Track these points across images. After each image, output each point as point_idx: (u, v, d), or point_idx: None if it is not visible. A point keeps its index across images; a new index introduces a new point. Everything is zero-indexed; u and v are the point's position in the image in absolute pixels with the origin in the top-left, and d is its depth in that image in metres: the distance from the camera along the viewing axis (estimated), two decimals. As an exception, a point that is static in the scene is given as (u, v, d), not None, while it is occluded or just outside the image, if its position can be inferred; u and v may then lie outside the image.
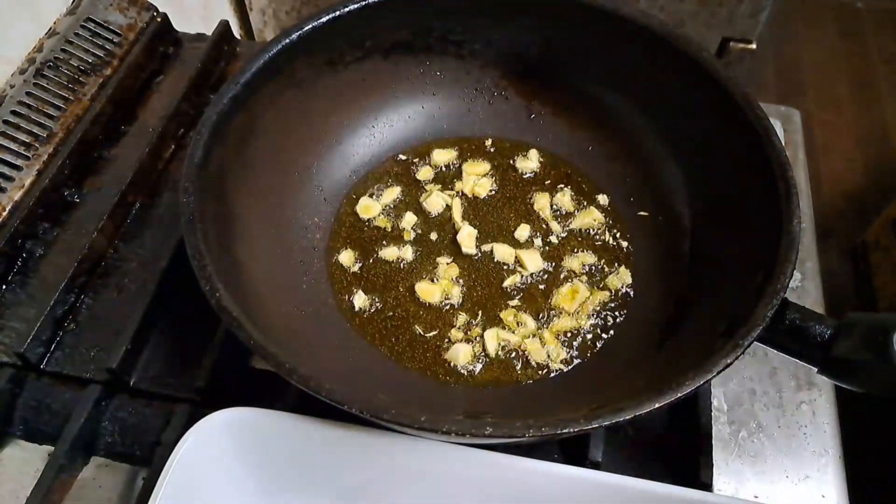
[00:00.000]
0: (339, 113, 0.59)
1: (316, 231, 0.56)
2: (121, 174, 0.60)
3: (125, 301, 0.55)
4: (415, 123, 0.62)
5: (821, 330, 0.41)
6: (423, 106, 0.62)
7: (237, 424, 0.42)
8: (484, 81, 0.62)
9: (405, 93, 0.61)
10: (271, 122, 0.53)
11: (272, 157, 0.54)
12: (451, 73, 0.62)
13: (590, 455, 0.46)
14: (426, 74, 0.61)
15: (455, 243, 0.57)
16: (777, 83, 1.85)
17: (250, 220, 0.50)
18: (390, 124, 0.61)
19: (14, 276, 0.55)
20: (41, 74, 0.61)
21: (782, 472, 0.49)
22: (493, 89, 0.63)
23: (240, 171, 0.51)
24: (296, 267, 0.53)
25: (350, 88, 0.59)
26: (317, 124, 0.58)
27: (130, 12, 0.69)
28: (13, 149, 0.58)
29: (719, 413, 0.51)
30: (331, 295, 0.53)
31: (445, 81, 0.62)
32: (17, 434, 0.50)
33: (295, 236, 0.55)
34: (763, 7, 1.03)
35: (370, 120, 0.61)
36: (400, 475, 0.43)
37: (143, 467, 0.49)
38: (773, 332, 0.40)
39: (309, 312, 0.51)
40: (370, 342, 0.51)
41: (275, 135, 0.54)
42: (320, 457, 0.43)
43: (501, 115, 0.63)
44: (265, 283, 0.48)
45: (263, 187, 0.53)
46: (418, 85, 0.61)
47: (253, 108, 0.51)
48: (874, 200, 1.57)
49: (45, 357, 0.52)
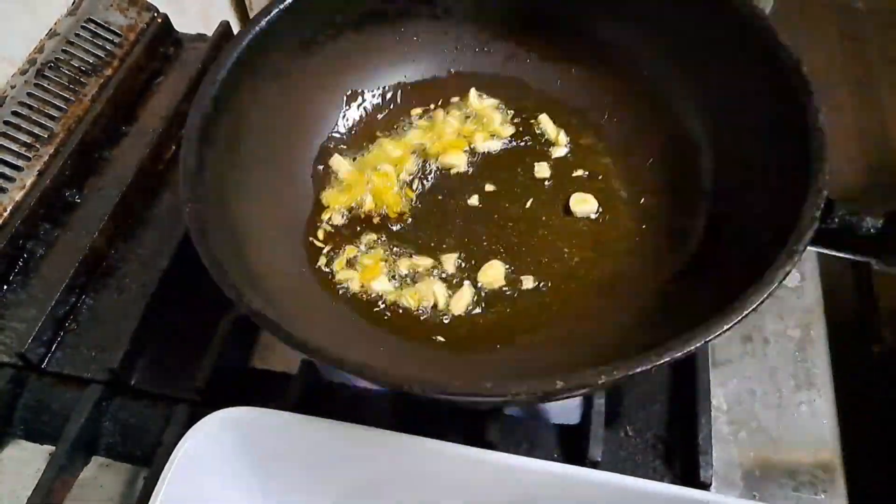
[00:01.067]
0: (322, 97, 0.57)
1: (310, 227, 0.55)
2: (121, 175, 0.60)
3: (125, 301, 0.55)
4: (397, 95, 0.60)
5: (873, 220, 0.41)
6: (405, 75, 0.60)
7: (237, 424, 0.42)
8: (464, 38, 0.60)
9: (386, 64, 0.59)
10: (257, 119, 0.52)
11: (263, 155, 0.53)
12: (429, 36, 0.59)
13: (589, 454, 0.46)
14: (403, 42, 0.59)
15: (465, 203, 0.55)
16: (777, 83, 1.85)
17: (253, 222, 0.49)
18: (374, 100, 0.59)
19: (15, 276, 0.56)
20: (42, 75, 0.61)
21: (782, 472, 0.49)
22: (474, 44, 0.60)
23: (235, 173, 0.50)
24: (303, 262, 0.52)
25: (328, 70, 0.57)
26: (301, 113, 0.56)
27: (131, 13, 0.69)
28: (14, 149, 0.58)
29: (719, 413, 0.51)
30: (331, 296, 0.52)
31: (424, 45, 0.59)
32: (17, 434, 0.50)
33: (298, 232, 0.54)
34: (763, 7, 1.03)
35: (353, 99, 0.59)
36: (400, 475, 0.43)
37: (143, 467, 0.49)
38: (822, 232, 0.39)
39: (321, 305, 0.50)
40: (378, 326, 0.50)
41: (263, 133, 0.53)
42: (320, 457, 0.43)
43: (486, 71, 0.60)
44: (278, 282, 0.47)
45: (261, 187, 0.52)
46: (397, 54, 0.59)
47: (237, 107, 0.50)
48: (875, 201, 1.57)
49: (46, 357, 0.52)
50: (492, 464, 0.41)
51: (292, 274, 0.51)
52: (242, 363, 0.53)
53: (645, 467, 0.48)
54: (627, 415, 0.50)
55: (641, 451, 0.49)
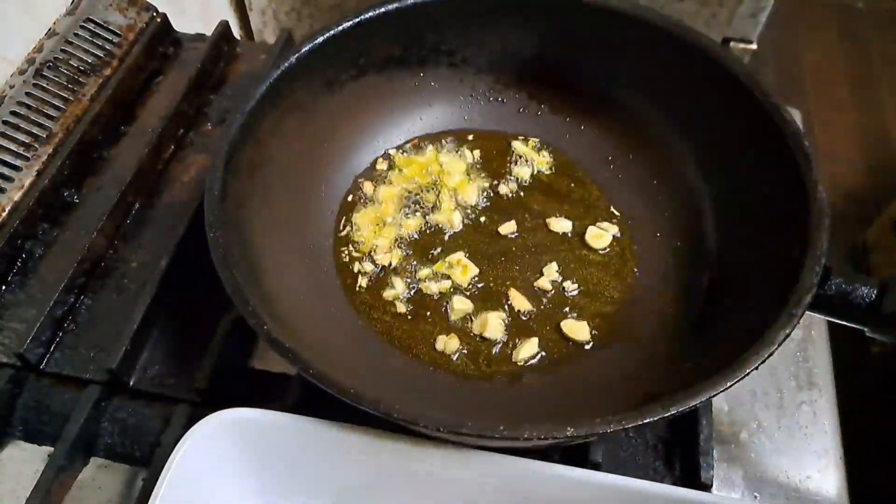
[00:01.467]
0: (341, 133, 0.59)
1: (330, 253, 0.56)
2: (120, 174, 0.60)
3: (125, 301, 0.55)
4: (412, 134, 0.62)
5: (867, 290, 0.42)
6: (420, 118, 0.63)
7: (237, 424, 0.42)
8: (478, 87, 0.63)
9: (402, 106, 0.62)
10: (277, 150, 0.53)
11: (282, 184, 0.54)
12: (446, 83, 0.62)
13: (590, 456, 0.46)
14: (421, 87, 0.62)
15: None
16: (777, 83, 1.85)
17: (273, 251, 0.50)
18: (389, 139, 0.62)
19: (14, 276, 0.55)
20: (41, 75, 0.61)
21: (783, 472, 0.49)
22: (489, 94, 0.63)
23: (255, 201, 0.51)
24: (322, 291, 0.53)
25: (348, 108, 0.59)
26: (320, 147, 0.58)
27: (130, 12, 0.69)
28: (13, 149, 0.58)
29: (719, 413, 0.51)
30: (358, 318, 0.53)
31: (440, 91, 0.62)
32: (16, 434, 0.50)
33: (315, 261, 0.55)
34: (763, 7, 1.03)
35: (370, 137, 0.61)
36: (400, 475, 0.43)
37: (142, 468, 0.49)
38: (819, 297, 0.41)
39: (341, 334, 0.51)
40: (399, 350, 0.51)
41: (282, 162, 0.54)
42: (320, 457, 0.43)
43: (498, 119, 0.63)
44: (294, 308, 0.48)
45: (279, 216, 0.53)
46: (414, 97, 0.62)
47: (259, 137, 0.51)
48: (874, 201, 1.57)
49: (45, 358, 0.52)
50: (492, 465, 0.41)
51: (310, 301, 0.52)
52: (242, 363, 0.53)
53: (646, 468, 0.48)
54: (628, 415, 0.50)
55: (642, 452, 0.49)
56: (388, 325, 0.52)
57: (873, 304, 0.42)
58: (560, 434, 0.36)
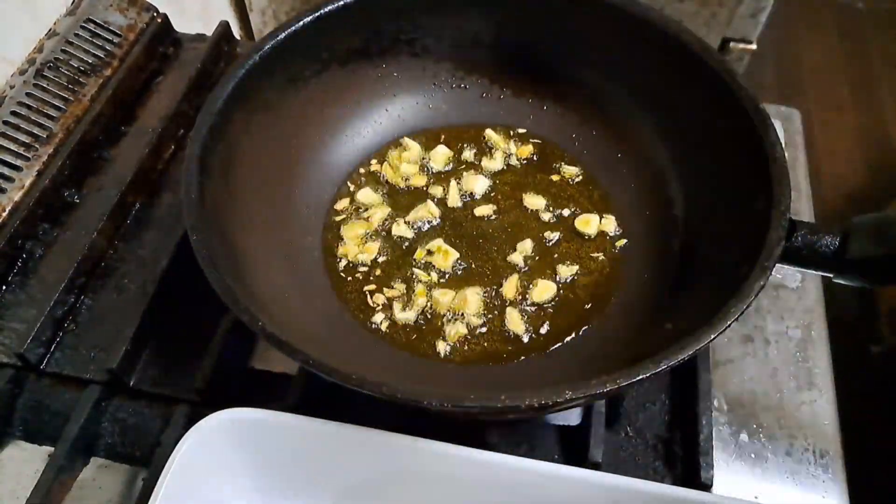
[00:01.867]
0: (308, 130, 0.59)
1: (313, 250, 0.56)
2: (121, 175, 0.60)
3: (125, 301, 0.55)
4: (381, 127, 0.63)
5: (830, 239, 0.45)
6: (386, 109, 0.63)
7: (237, 424, 0.42)
8: (441, 75, 0.63)
9: (367, 98, 0.62)
10: (247, 151, 0.53)
11: (255, 185, 0.54)
12: (408, 72, 0.62)
13: (590, 455, 0.46)
14: (384, 77, 0.62)
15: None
16: (777, 83, 1.85)
17: (257, 251, 0.50)
18: (357, 132, 0.62)
19: (14, 276, 0.55)
20: (41, 75, 0.61)
21: (783, 472, 0.49)
22: (451, 81, 0.64)
23: (230, 203, 0.50)
24: (309, 288, 0.53)
25: (314, 103, 0.59)
26: (289, 146, 0.58)
27: (130, 13, 0.69)
28: (13, 149, 0.58)
29: (719, 414, 0.51)
30: (347, 313, 0.53)
31: (403, 80, 0.63)
32: (17, 434, 0.50)
33: (296, 259, 0.55)
34: (763, 7, 1.03)
35: (338, 131, 0.61)
36: (400, 476, 0.43)
37: (142, 468, 0.49)
38: (787, 250, 0.43)
39: (330, 329, 0.51)
40: (384, 341, 0.52)
41: (253, 163, 0.54)
42: (320, 457, 0.43)
43: (462, 104, 0.64)
44: (284, 307, 0.48)
45: (255, 217, 0.52)
46: (379, 88, 0.62)
47: (229, 138, 0.51)
48: (874, 201, 1.57)
49: (45, 358, 0.52)
50: (492, 465, 0.41)
51: (295, 298, 0.52)
52: (242, 363, 0.53)
53: (646, 468, 0.48)
54: (628, 416, 0.50)
55: (642, 452, 0.49)
56: (378, 319, 0.52)
57: (837, 251, 0.44)
58: (560, 398, 0.36)
